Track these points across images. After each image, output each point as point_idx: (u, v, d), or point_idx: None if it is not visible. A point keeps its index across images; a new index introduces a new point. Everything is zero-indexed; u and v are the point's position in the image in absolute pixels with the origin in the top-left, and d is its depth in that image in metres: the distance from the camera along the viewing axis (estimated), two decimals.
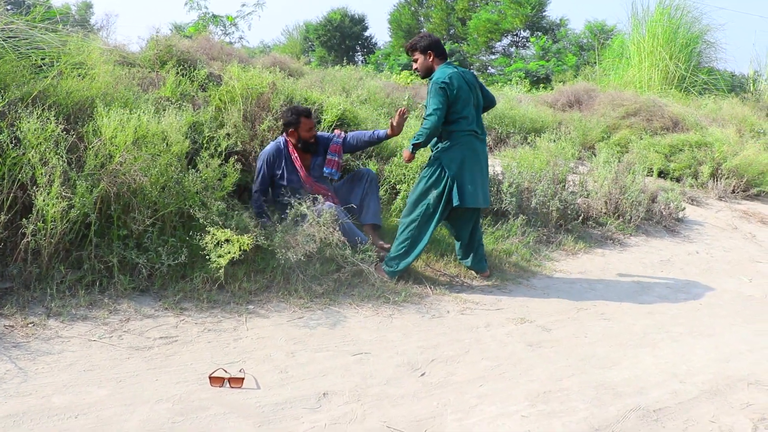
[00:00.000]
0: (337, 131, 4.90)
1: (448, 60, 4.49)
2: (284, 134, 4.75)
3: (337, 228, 4.14)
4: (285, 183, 4.66)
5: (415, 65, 4.49)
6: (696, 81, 15.89)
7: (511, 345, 3.55)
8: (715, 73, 16.95)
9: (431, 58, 4.41)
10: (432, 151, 4.46)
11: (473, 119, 4.35)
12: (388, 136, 4.69)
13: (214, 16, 17.26)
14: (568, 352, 3.50)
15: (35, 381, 2.68)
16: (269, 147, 4.73)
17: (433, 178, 4.34)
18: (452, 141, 4.33)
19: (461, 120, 4.30)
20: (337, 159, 4.78)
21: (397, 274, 4.33)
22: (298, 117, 4.63)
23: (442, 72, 4.30)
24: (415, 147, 4.36)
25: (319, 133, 4.89)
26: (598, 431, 2.66)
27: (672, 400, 3.01)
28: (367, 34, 38.83)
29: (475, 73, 32.98)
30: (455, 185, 4.28)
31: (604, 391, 3.05)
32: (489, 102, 4.62)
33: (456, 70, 4.34)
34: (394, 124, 4.55)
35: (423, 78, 4.52)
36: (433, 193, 4.31)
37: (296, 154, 4.70)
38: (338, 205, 4.48)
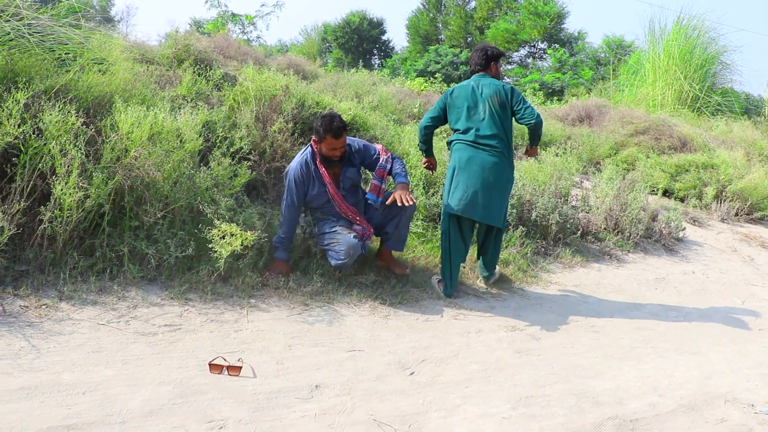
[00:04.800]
0: (380, 147, 4.46)
1: (483, 72, 4.55)
2: (312, 141, 4.29)
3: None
4: (315, 204, 4.32)
5: None
6: (709, 102, 15.93)
7: (499, 351, 3.69)
8: (729, 94, 16.97)
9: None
10: None
11: (474, 130, 4.37)
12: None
13: (234, 14, 17.52)
14: (554, 360, 3.64)
15: (47, 358, 2.86)
16: (295, 163, 4.25)
17: (444, 188, 4.59)
18: (450, 151, 4.55)
19: (455, 131, 4.48)
20: (381, 185, 4.33)
21: (444, 283, 4.51)
22: (325, 134, 4.06)
23: (464, 82, 4.53)
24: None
25: (356, 141, 4.42)
26: None
27: (649, 411, 3.13)
28: (384, 38, 39.03)
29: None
30: (448, 193, 4.48)
31: (585, 399, 3.18)
32: (520, 121, 4.45)
33: (469, 82, 4.49)
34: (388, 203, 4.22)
35: None
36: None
37: (323, 169, 4.22)
38: (358, 239, 4.14)
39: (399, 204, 4.08)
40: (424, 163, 4.83)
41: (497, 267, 4.90)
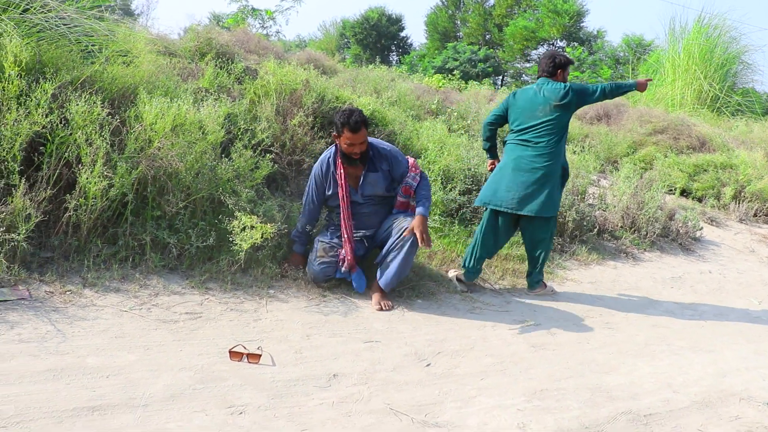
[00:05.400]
0: (411, 161, 4.31)
1: (548, 77, 4.59)
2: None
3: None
4: (332, 204, 4.24)
5: None
6: (729, 102, 15.78)
7: (515, 345, 3.72)
8: (750, 94, 16.80)
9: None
10: None
11: (528, 130, 4.46)
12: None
13: (254, 9, 17.61)
14: (569, 355, 3.66)
15: (72, 342, 2.93)
16: (318, 161, 4.24)
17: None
18: (504, 149, 4.67)
19: (511, 132, 4.60)
20: (410, 201, 4.29)
21: (466, 270, 4.58)
22: (342, 127, 3.91)
23: (528, 86, 4.71)
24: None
25: (385, 145, 4.28)
26: (588, 429, 2.83)
27: (663, 407, 3.15)
28: (403, 34, 39.05)
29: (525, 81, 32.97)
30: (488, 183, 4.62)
31: (599, 393, 3.20)
32: (586, 102, 4.61)
33: (532, 86, 4.62)
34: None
35: None
36: None
37: (341, 170, 4.12)
38: (327, 267, 4.05)
39: (420, 244, 3.96)
40: (489, 167, 4.90)
41: (547, 284, 4.79)
